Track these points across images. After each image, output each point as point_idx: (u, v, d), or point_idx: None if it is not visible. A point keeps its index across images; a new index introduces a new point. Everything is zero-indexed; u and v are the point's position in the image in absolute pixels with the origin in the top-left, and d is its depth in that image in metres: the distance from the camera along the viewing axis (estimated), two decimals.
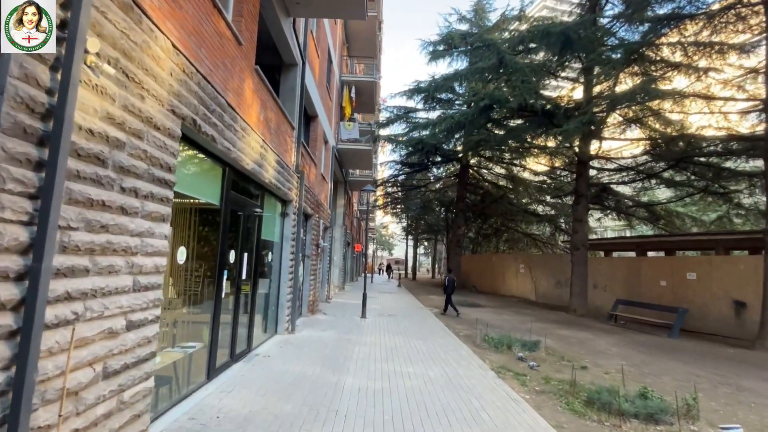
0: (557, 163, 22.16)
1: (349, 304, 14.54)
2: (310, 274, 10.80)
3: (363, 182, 23.04)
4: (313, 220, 11.05)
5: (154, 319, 3.18)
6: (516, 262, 20.80)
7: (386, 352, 7.15)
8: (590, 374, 6.65)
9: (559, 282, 17.69)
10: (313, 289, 11.18)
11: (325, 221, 12.88)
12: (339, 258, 20.35)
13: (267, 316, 7.69)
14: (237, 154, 4.89)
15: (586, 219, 14.55)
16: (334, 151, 15.34)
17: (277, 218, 7.98)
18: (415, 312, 13.38)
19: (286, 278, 8.05)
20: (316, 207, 11.34)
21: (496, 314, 13.81)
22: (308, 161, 10.19)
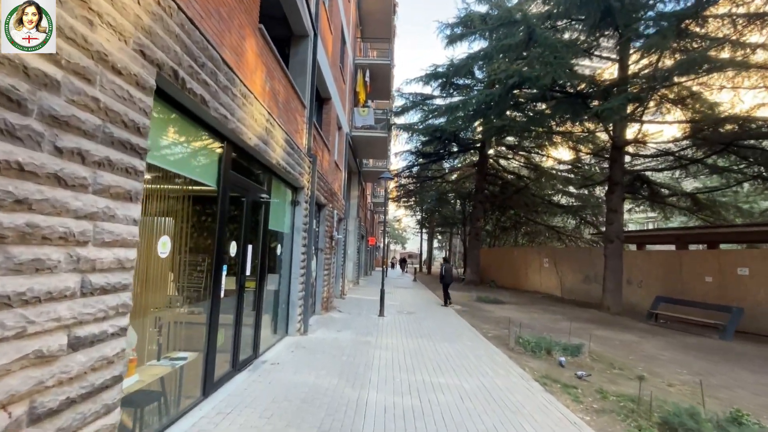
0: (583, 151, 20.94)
1: (365, 300, 13.74)
2: (323, 269, 9.99)
3: (377, 172, 22.14)
4: (327, 210, 10.22)
5: (118, 332, 2.36)
6: (540, 255, 19.69)
7: (411, 357, 6.29)
8: (650, 386, 5.68)
9: (587, 277, 16.57)
10: (327, 285, 10.38)
11: (339, 212, 12.05)
12: (353, 251, 19.59)
13: (277, 315, 6.89)
14: (236, 124, 4.04)
15: (621, 209, 13.40)
16: (348, 138, 14.46)
17: (287, 207, 7.16)
18: (436, 309, 12.50)
19: (297, 273, 7.24)
20: (330, 196, 10.50)
21: (523, 312, 12.84)
22: (321, 146, 9.34)
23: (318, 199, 8.98)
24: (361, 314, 10.48)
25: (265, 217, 5.77)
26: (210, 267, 4.09)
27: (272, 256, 6.51)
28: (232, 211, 4.73)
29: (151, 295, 3.41)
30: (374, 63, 15.98)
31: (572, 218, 22.23)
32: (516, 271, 21.72)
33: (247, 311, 5.40)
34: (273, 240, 6.52)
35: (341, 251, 13.53)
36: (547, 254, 19.22)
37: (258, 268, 5.61)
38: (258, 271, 5.61)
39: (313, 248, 9.12)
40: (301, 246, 7.32)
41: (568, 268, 17.59)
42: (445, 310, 12.43)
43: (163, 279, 3.50)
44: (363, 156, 18.74)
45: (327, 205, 10.14)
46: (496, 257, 24.49)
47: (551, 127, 16.31)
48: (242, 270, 4.89)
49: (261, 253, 5.65)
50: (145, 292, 3.34)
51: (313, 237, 8.96)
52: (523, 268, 21.07)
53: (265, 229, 5.76)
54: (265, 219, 5.75)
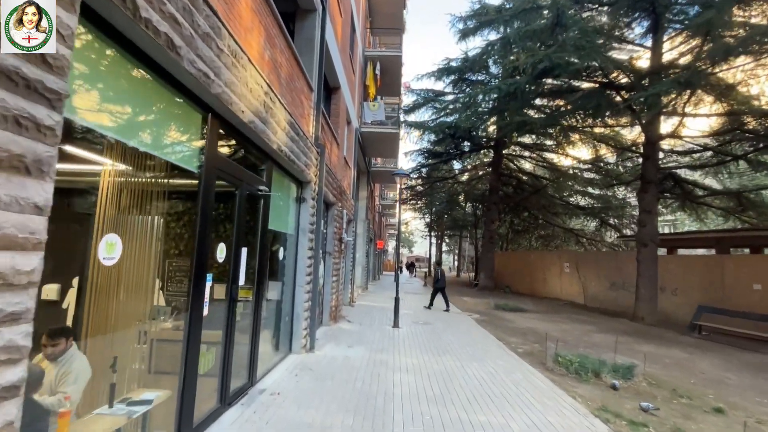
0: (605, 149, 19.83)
1: (376, 307, 12.73)
2: (332, 275, 9.02)
3: (386, 173, 21.18)
4: (335, 210, 9.25)
5: (9, 389, 1.39)
6: (560, 260, 18.54)
7: (438, 383, 5.27)
8: (735, 422, 4.62)
9: (614, 284, 15.41)
10: (335, 293, 9.40)
11: (348, 212, 11.08)
12: (362, 255, 18.62)
13: (279, 330, 5.92)
14: (223, 89, 3.08)
15: (655, 210, 12.28)
16: (358, 134, 13.51)
17: (291, 204, 6.20)
18: (453, 319, 11.45)
19: (303, 281, 6.27)
20: (339, 194, 9.54)
21: (549, 322, 11.74)
22: (330, 138, 8.39)
23: (326, 197, 8.02)
24: (374, 325, 9.48)
25: (264, 214, 4.81)
26: (188, 275, 3.12)
27: (273, 261, 5.55)
28: (219, 206, 3.77)
29: (101, 318, 2.47)
30: (384, 55, 15.05)
31: (593, 221, 21.05)
32: (533, 276, 20.58)
33: (242, 327, 4.43)
34: (274, 242, 5.56)
35: (350, 255, 12.56)
36: (568, 259, 18.07)
37: (255, 275, 4.64)
38: (255, 278, 4.64)
39: (321, 252, 8.15)
40: (307, 249, 6.34)
41: (592, 273, 16.44)
42: (463, 318, 11.38)
43: (119, 293, 2.54)
44: (372, 154, 17.78)
45: (336, 204, 9.18)
46: (512, 261, 23.35)
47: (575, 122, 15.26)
48: (234, 278, 3.92)
49: (259, 257, 4.68)
50: (92, 313, 2.39)
51: (321, 239, 8.00)
52: (541, 273, 19.93)
53: (264, 229, 4.79)
54: (264, 217, 4.79)
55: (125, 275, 2.61)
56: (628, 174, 16.14)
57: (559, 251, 19.90)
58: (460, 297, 18.35)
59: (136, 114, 2.50)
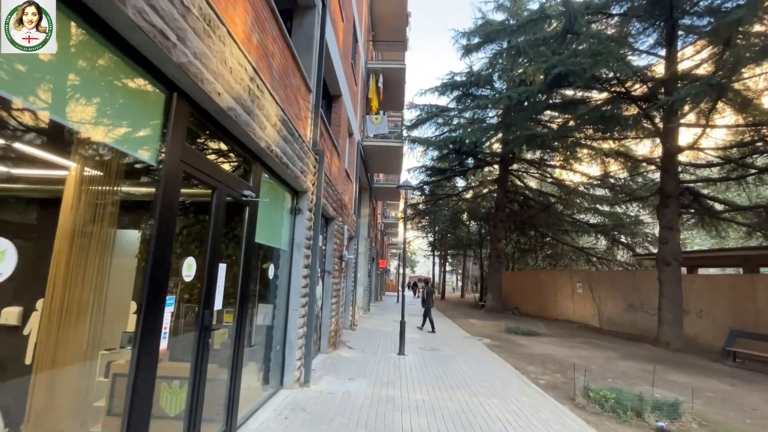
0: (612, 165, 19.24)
1: (379, 331, 11.85)
2: (331, 296, 8.23)
3: (389, 190, 20.58)
4: (336, 225, 8.54)
5: None
6: (572, 280, 17.65)
7: (455, 427, 4.43)
8: None
9: (632, 305, 14.50)
10: (335, 316, 8.59)
11: (350, 228, 10.37)
12: (363, 275, 17.81)
13: (268, 361, 5.12)
14: (190, 59, 2.42)
15: (677, 226, 11.53)
16: (360, 147, 12.94)
17: (285, 215, 5.49)
18: (463, 343, 10.56)
19: (297, 303, 5.50)
20: (340, 208, 8.86)
21: (566, 347, 10.83)
22: (330, 146, 7.77)
23: (325, 211, 7.33)
24: (377, 352, 8.61)
25: (251, 225, 4.10)
26: (139, 297, 2.39)
27: (263, 280, 4.81)
28: (189, 213, 3.08)
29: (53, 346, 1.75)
30: (387, 67, 14.65)
31: (603, 239, 20.24)
32: (543, 297, 19.64)
33: (220, 359, 3.67)
34: (263, 259, 4.83)
35: (351, 274, 11.77)
36: (580, 278, 17.19)
37: (238, 297, 3.89)
38: (238, 301, 3.89)
39: (319, 270, 7.40)
40: (302, 267, 5.60)
41: (608, 294, 15.53)
42: (474, 343, 10.48)
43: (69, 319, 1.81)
44: (375, 169, 17.19)
45: (336, 218, 8.48)
46: (520, 282, 22.42)
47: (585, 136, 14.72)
48: (207, 302, 3.17)
49: (243, 276, 3.94)
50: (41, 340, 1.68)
51: (319, 256, 7.27)
52: (551, 293, 19.00)
53: (249, 242, 4.07)
54: (249, 228, 4.08)
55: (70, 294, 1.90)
56: (643, 189, 15.45)
57: (571, 270, 19.02)
58: (467, 319, 17.40)
59: (71, 87, 1.83)
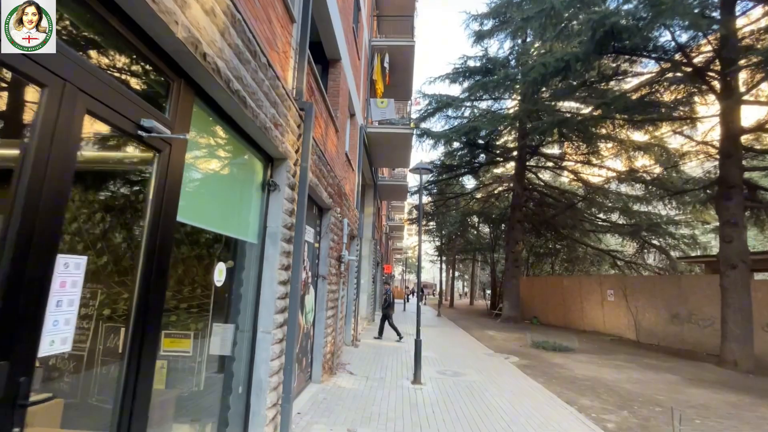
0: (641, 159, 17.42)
1: (386, 348, 10.01)
2: (327, 308, 6.41)
3: (395, 188, 18.80)
4: (332, 217, 6.74)
5: None
6: (601, 286, 15.70)
7: None
8: None
9: (677, 316, 12.56)
10: (332, 333, 6.76)
11: (351, 224, 8.57)
12: (367, 281, 16.00)
13: (225, 412, 3.31)
14: None
15: (743, 221, 9.66)
16: (363, 133, 11.19)
17: (254, 192, 3.70)
18: (488, 363, 8.69)
19: (269, 323, 3.68)
20: (338, 196, 7.07)
21: (611, 367, 8.93)
22: (323, 112, 6.00)
23: (316, 194, 5.55)
24: (385, 378, 6.77)
25: (168, 190, 2.30)
26: None
27: (207, 288, 3.02)
28: None
29: None
30: (394, 44, 12.94)
31: (632, 241, 18.28)
32: (567, 305, 17.69)
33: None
34: (204, 252, 3.04)
35: (353, 280, 9.96)
36: (612, 284, 15.24)
37: (133, 314, 2.09)
38: (132, 320, 2.08)
39: (310, 275, 5.59)
40: (278, 269, 3.79)
41: (646, 302, 13.60)
42: (500, 363, 8.60)
43: None
44: (380, 163, 15.41)
45: (333, 209, 6.68)
46: (539, 288, 20.46)
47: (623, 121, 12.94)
48: (9, 344, 1.38)
49: (142, 280, 2.14)
50: None
51: (311, 256, 5.48)
52: (577, 301, 17.05)
53: (162, 219, 2.27)
54: (162, 194, 2.27)
55: None
56: (691, 183, 13.53)
57: (601, 276, 17.07)
58: (484, 330, 15.49)
59: None
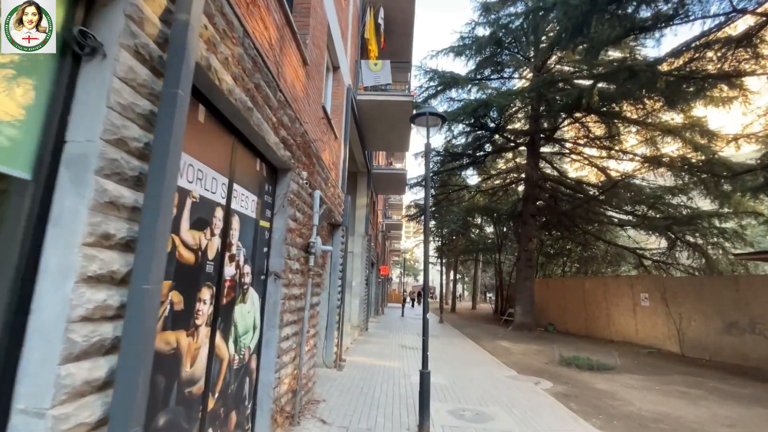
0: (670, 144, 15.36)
1: (378, 370, 7.72)
2: (282, 323, 4.11)
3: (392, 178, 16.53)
4: (293, 183, 4.42)
5: None
6: (632, 289, 13.47)
7: None
8: None
9: (734, 325, 10.36)
10: (293, 361, 4.46)
11: (331, 204, 6.29)
12: (359, 283, 13.69)
13: None
14: None
15: None
16: (351, 98, 8.94)
17: (38, 64, 1.44)
18: (516, 394, 6.42)
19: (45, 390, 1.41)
20: (306, 155, 4.78)
21: (678, 397, 6.69)
22: (279, 14, 3.74)
23: (253, 132, 3.29)
24: (375, 429, 4.50)
25: None
26: None
27: None
28: None
29: None
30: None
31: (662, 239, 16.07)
32: (589, 311, 15.46)
33: None
34: None
35: (337, 281, 7.66)
36: (646, 287, 13.02)
37: None
38: None
39: (249, 274, 3.33)
40: (82, 242, 1.52)
41: (693, 308, 11.39)
42: (534, 393, 6.33)
43: None
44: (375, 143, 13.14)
45: (295, 169, 4.39)
46: (555, 292, 18.22)
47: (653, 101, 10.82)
48: None
49: None
50: None
51: (237, 232, 3.23)
52: (602, 306, 14.82)
53: None
54: None
55: None
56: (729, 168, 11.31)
57: (632, 276, 14.85)
58: (497, 341, 13.21)
59: None
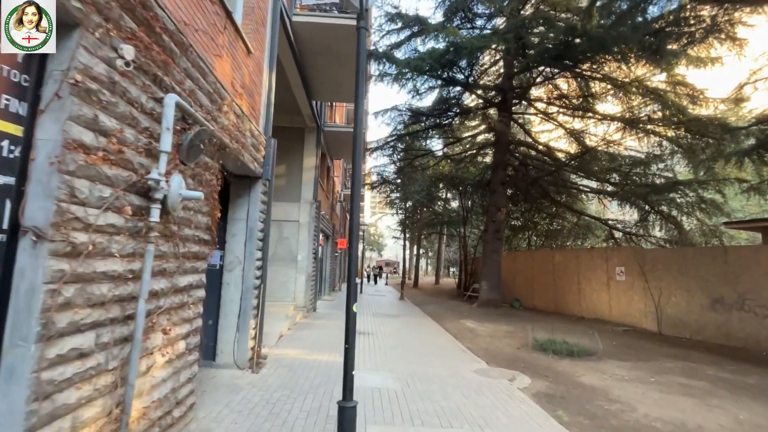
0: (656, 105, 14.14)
1: (312, 366, 5.86)
2: (49, 333, 2.10)
3: (348, 137, 14.42)
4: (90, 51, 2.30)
5: None
6: (607, 262, 12.39)
7: None
8: None
9: (719, 301, 9.37)
10: (96, 402, 2.46)
11: (227, 134, 4.18)
12: (306, 258, 11.76)
13: None
14: None
15: None
16: (283, 11, 6.67)
17: None
18: (488, 398, 4.79)
19: None
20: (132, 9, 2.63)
21: (680, 393, 5.35)
22: None
23: None
24: None
25: None
26: None
27: None
28: None
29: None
30: None
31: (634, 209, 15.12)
32: (559, 285, 14.39)
33: None
34: None
35: (254, 252, 5.62)
36: (623, 259, 11.92)
37: None
38: None
39: None
40: None
41: (675, 282, 10.35)
42: (508, 395, 4.75)
43: None
44: (322, 91, 10.88)
45: (94, 28, 2.25)
46: (522, 265, 17.08)
47: None
48: None
49: None
50: None
51: None
52: (573, 281, 13.74)
53: None
54: None
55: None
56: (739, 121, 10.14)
57: (607, 249, 13.78)
58: (462, 321, 11.78)
59: None
